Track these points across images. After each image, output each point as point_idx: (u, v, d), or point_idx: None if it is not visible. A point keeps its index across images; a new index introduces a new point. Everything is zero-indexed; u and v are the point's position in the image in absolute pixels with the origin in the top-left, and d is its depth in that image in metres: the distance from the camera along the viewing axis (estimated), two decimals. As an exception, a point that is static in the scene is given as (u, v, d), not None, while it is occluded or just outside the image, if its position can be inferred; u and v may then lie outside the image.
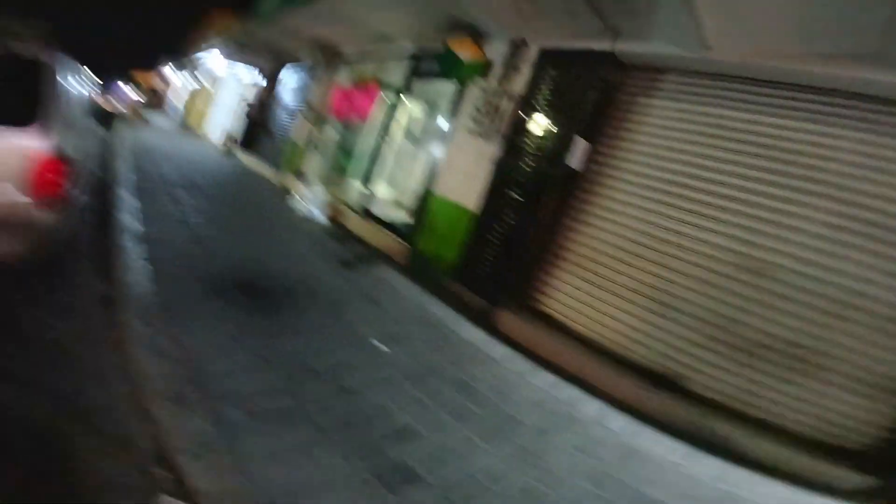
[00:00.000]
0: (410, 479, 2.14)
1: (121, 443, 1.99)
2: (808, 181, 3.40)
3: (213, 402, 2.23)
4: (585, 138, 4.33)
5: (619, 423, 3.25)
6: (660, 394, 3.61)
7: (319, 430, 2.28)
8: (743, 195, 3.62)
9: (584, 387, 3.65)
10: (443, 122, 6.24)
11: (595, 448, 2.88)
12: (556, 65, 4.54)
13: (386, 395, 2.78)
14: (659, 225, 3.97)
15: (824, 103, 3.39)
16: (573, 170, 4.38)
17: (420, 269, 5.42)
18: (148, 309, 2.92)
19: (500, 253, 4.67)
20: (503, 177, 4.78)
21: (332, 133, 9.40)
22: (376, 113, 7.94)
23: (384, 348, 3.39)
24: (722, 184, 3.73)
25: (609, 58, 4.15)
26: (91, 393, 2.26)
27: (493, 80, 5.11)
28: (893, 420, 3.07)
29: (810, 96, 3.44)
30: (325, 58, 9.31)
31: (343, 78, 9.05)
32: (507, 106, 4.85)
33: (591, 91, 4.22)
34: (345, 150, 9.71)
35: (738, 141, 3.69)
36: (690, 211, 3.83)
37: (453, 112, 5.67)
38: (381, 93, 7.71)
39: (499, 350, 3.96)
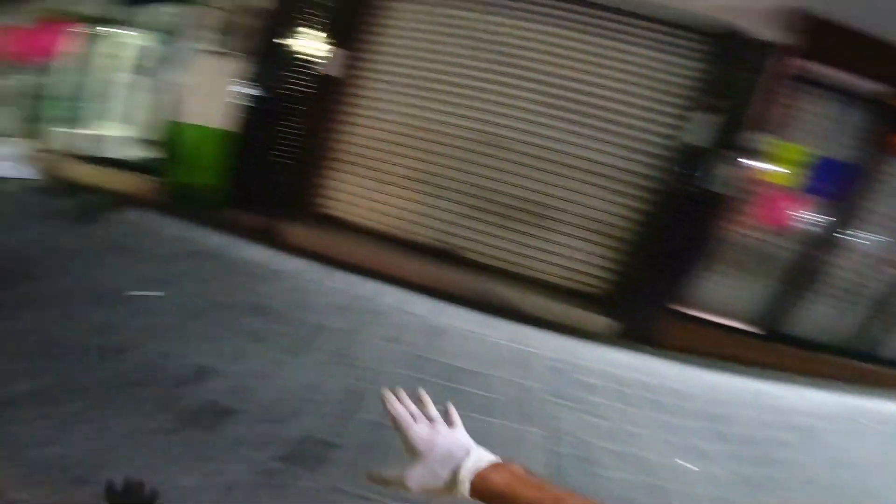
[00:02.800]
0: (223, 414, 1.90)
1: None
2: (524, 69, 3.97)
3: None
4: (341, 45, 4.12)
5: (419, 306, 3.50)
6: (446, 269, 4.00)
7: (93, 398, 1.76)
8: (477, 83, 4.06)
9: (380, 279, 3.76)
10: (179, 48, 5.08)
11: (403, 335, 3.04)
12: None
13: (165, 342, 2.31)
14: (417, 116, 4.22)
15: (539, 4, 3.89)
16: (332, 76, 4.17)
17: (182, 202, 4.54)
18: None
19: (271, 167, 4.27)
20: (260, 92, 4.24)
21: (16, 80, 6.99)
22: (78, 50, 6.22)
23: (155, 294, 2.76)
24: (460, 75, 4.10)
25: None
26: None
27: None
28: (611, 260, 4.07)
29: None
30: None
31: (19, 18, 6.62)
32: (251, 22, 4.16)
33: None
34: (44, 96, 7.38)
35: (473, 38, 4.06)
36: (438, 101, 4.16)
37: (188, 36, 4.63)
38: (80, 27, 5.95)
39: (290, 264, 3.72)
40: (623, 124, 3.83)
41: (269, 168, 4.30)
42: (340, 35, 4.20)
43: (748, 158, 3.51)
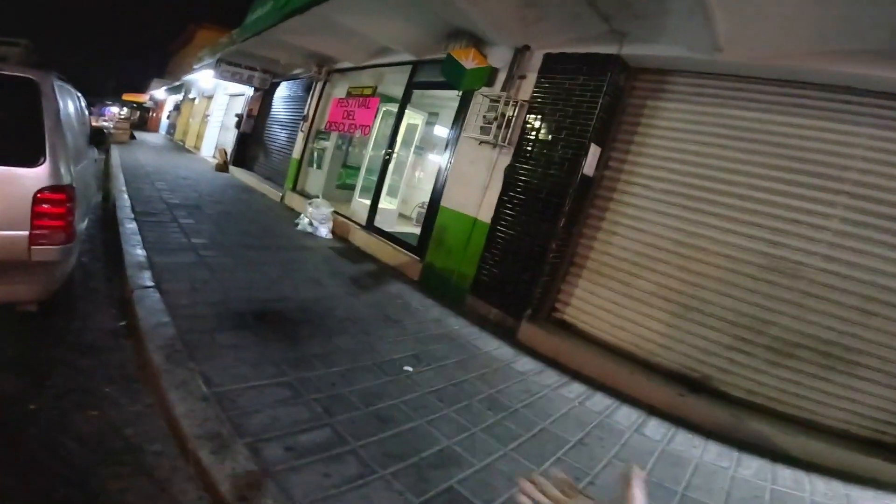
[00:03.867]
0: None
1: (163, 486, 1.91)
2: (824, 178, 3.41)
3: (251, 439, 2.15)
4: (597, 143, 4.31)
5: (657, 430, 3.21)
6: (692, 397, 3.57)
7: (364, 464, 2.20)
8: (760, 195, 3.63)
9: (615, 395, 3.61)
10: (447, 132, 6.19)
11: (634, 456, 2.83)
12: (562, 70, 4.51)
13: (421, 418, 2.72)
14: (678, 228, 3.96)
15: (836, 100, 3.41)
16: (587, 176, 4.35)
17: (434, 283, 5.36)
18: (168, 344, 2.82)
19: (518, 264, 4.61)
20: (515, 186, 4.73)
21: (331, 147, 9.37)
22: (377, 125, 7.91)
23: (410, 369, 3.32)
24: (738, 184, 3.73)
25: (616, 61, 4.13)
26: (125, 432, 2.17)
27: (498, 88, 5.07)
28: None
29: (822, 94, 3.45)
30: (321, 70, 9.24)
31: (341, 90, 9.01)
32: (514, 113, 4.81)
33: (600, 95, 4.19)
34: (346, 165, 9.71)
35: (752, 140, 3.70)
36: (708, 213, 3.83)
37: (458, 121, 5.62)
38: (381, 104, 7.68)
39: (526, 363, 3.90)
40: None
41: (516, 264, 4.62)
42: (600, 133, 4.28)
43: None
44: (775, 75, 3.56)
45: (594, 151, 4.31)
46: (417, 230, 6.24)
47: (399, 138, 7.11)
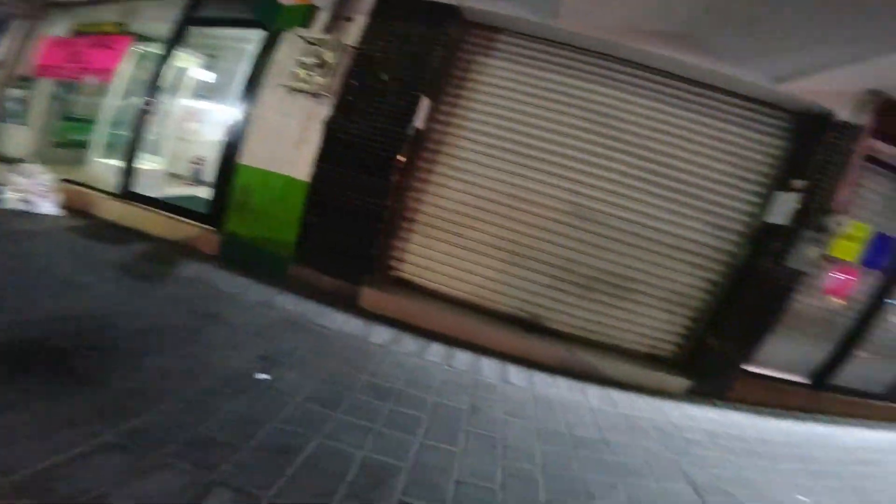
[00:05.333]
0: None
1: None
2: (611, 139, 4.09)
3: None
4: (428, 96, 4.12)
5: (520, 376, 3.46)
6: (532, 338, 3.99)
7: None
8: (567, 151, 4.13)
9: (472, 349, 3.71)
10: (241, 79, 4.94)
11: (519, 409, 2.99)
12: (396, 16, 4.05)
13: (316, 435, 2.19)
14: (502, 181, 4.20)
15: (637, 76, 4.03)
16: (418, 130, 4.14)
17: (242, 256, 4.36)
18: None
19: (349, 224, 4.12)
20: (338, 140, 4.14)
21: (43, 96, 6.55)
22: (126, 70, 5.93)
23: (266, 377, 2.63)
24: (551, 141, 4.15)
25: (455, 13, 3.96)
26: None
27: (318, 30, 4.24)
28: (687, 328, 4.21)
29: (621, 66, 4.03)
30: (28, 4, 6.14)
31: (61, 28, 6.29)
32: (337, 59, 4.14)
33: (436, 47, 3.98)
34: (69, 117, 6.91)
35: (564, 103, 4.12)
36: (528, 166, 4.17)
37: (261, 66, 4.51)
38: (134, 45, 5.67)
39: (381, 333, 3.61)
40: (707, 200, 4.03)
41: (345, 225, 4.14)
42: (431, 86, 4.08)
43: (821, 236, 3.72)
44: (593, 47, 3.98)
45: (425, 104, 4.11)
46: (200, 193, 4.93)
47: (164, 85, 5.33)
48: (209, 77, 7.51)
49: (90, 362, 2.26)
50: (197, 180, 7.03)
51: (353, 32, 4.15)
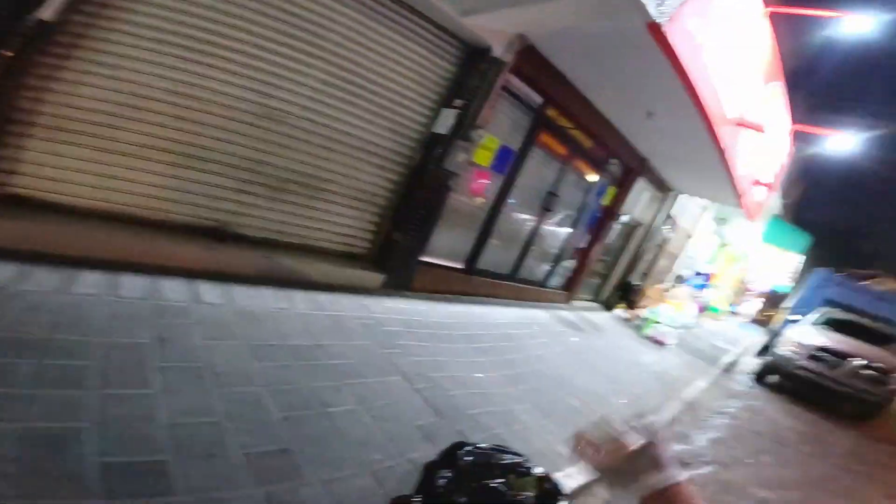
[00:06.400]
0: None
1: None
2: (310, 44, 3.79)
3: None
4: None
5: (210, 294, 3.04)
6: (221, 249, 3.55)
7: None
8: (258, 51, 3.60)
9: (148, 271, 2.99)
10: None
11: (221, 330, 2.68)
12: None
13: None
14: (173, 79, 3.32)
15: None
16: (41, 20, 2.71)
17: None
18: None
19: None
20: None
21: None
22: None
23: None
24: (239, 40, 3.52)
25: None
26: None
27: None
28: (376, 224, 4.57)
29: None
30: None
31: None
32: None
33: None
34: None
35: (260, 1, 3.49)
36: (208, 64, 3.42)
37: None
38: None
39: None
40: (392, 110, 4.30)
41: None
42: None
43: (469, 145, 4.61)
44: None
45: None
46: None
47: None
48: None
49: None
50: None
51: None
